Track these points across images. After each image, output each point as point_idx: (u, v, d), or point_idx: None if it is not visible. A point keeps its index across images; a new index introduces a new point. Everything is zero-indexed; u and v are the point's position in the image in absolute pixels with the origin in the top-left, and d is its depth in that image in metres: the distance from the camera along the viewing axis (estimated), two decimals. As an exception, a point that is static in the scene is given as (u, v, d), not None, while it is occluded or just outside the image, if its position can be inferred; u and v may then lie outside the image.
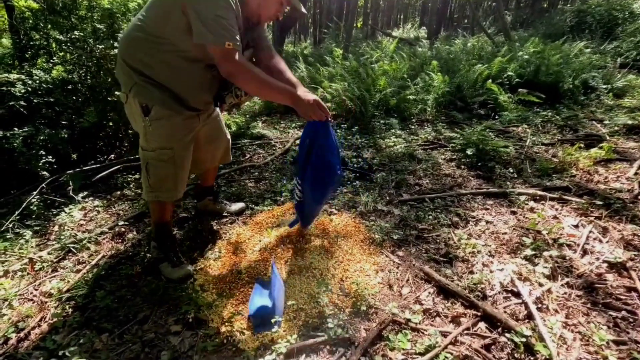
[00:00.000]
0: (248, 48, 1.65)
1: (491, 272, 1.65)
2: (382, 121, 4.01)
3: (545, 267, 1.61)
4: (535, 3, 16.94)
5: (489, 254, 1.78)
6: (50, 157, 2.61)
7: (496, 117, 3.97)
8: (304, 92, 1.50)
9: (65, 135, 2.55)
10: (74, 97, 2.96)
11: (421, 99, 4.32)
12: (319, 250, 1.86)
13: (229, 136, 2.11)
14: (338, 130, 3.94)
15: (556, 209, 2.16)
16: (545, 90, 4.34)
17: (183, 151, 1.66)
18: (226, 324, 1.43)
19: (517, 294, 1.49)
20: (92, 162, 3.09)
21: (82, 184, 2.77)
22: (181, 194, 1.78)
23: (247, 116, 4.82)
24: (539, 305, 1.41)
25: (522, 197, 2.26)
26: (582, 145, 2.88)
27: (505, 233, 1.96)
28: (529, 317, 1.36)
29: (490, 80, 4.19)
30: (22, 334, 1.45)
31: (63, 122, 2.96)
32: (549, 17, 11.46)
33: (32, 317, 1.53)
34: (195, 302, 1.55)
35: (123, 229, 2.20)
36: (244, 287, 1.65)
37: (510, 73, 4.51)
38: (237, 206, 2.35)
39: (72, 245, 1.99)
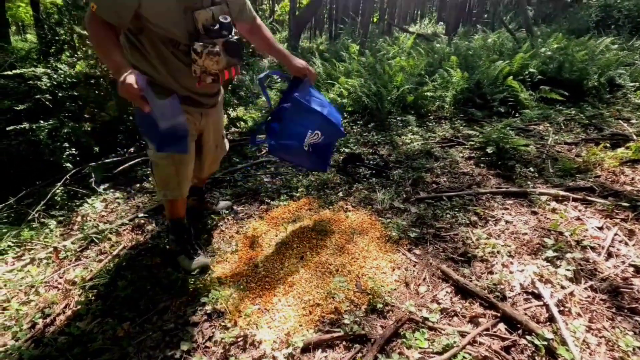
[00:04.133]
0: (215, 4, 1.44)
1: (511, 272, 1.62)
2: (398, 118, 3.97)
3: (568, 270, 1.57)
4: (559, -2, 16.38)
5: (508, 254, 1.74)
6: (74, 149, 2.68)
7: (517, 114, 3.87)
8: (128, 74, 1.25)
9: (89, 129, 2.61)
10: (96, 92, 3.03)
11: (439, 96, 4.25)
12: (335, 247, 1.86)
13: (227, 148, 2.07)
14: (354, 127, 3.93)
15: (579, 210, 2.09)
16: (569, 88, 4.21)
17: None
18: (243, 316, 1.45)
19: (538, 296, 1.46)
20: (113, 155, 3.16)
21: (103, 176, 2.85)
22: (186, 193, 1.76)
23: (263, 111, 4.84)
24: (561, 308, 1.38)
25: (544, 197, 2.20)
26: (608, 145, 2.79)
27: (526, 233, 1.91)
28: (551, 319, 1.33)
29: (511, 77, 4.08)
30: (48, 320, 1.51)
31: (85, 116, 3.04)
32: (572, 12, 11.08)
33: (57, 304, 1.58)
34: (212, 294, 1.57)
35: (142, 221, 2.25)
36: (261, 280, 1.66)
37: (532, 70, 4.39)
38: (223, 204, 2.36)
39: (95, 235, 2.05)
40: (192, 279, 1.70)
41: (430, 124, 3.83)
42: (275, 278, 1.67)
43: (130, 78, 1.23)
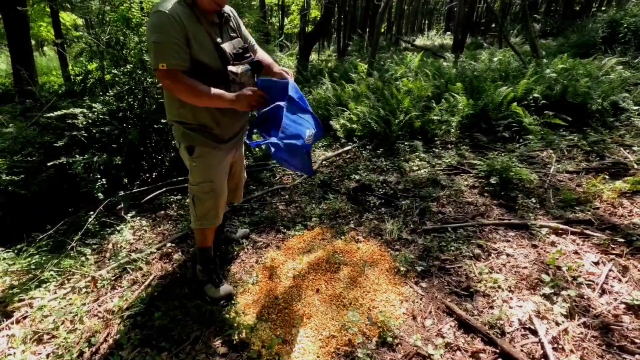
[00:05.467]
0: (231, 39, 1.74)
1: (510, 308, 1.76)
2: (406, 143, 4.14)
3: (563, 306, 1.70)
4: (567, 9, 16.49)
5: (508, 289, 1.89)
6: (104, 180, 2.91)
7: (521, 140, 4.01)
8: (237, 95, 1.60)
9: (119, 162, 2.83)
10: (124, 125, 3.27)
11: (445, 120, 4.41)
12: (348, 279, 2.03)
13: (245, 176, 2.33)
14: (364, 152, 4.10)
15: (577, 244, 2.23)
16: (573, 112, 4.33)
17: (220, 183, 1.90)
18: (266, 347, 1.62)
19: (535, 332, 1.60)
20: (138, 182, 3.39)
21: (130, 204, 3.07)
22: (221, 220, 2.01)
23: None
24: (555, 345, 1.52)
25: (544, 230, 2.34)
26: (607, 177, 2.91)
27: (526, 267, 2.05)
28: (545, 357, 1.47)
29: (515, 103, 4.22)
30: (93, 349, 1.69)
31: (113, 146, 3.28)
32: (580, 25, 11.18)
33: (99, 333, 1.77)
34: (238, 325, 1.75)
35: (170, 250, 2.45)
36: (281, 312, 1.83)
37: (536, 95, 4.52)
38: (241, 233, 2.56)
39: (127, 265, 2.25)
40: (219, 309, 1.88)
41: (437, 150, 3.98)
42: (294, 310, 1.84)
43: (247, 90, 1.60)
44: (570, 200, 2.68)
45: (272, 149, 1.60)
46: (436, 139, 4.25)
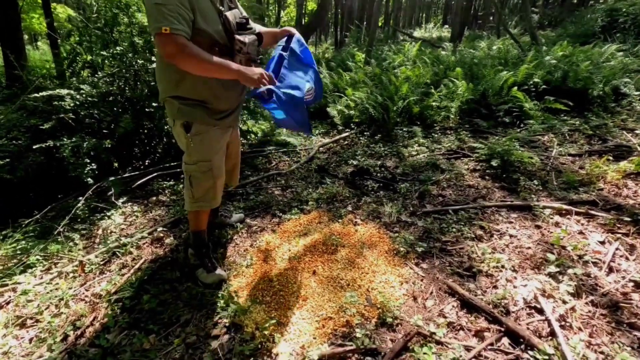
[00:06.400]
0: (232, 8, 1.68)
1: (515, 287, 1.69)
2: (404, 129, 4.06)
3: (570, 285, 1.64)
4: (565, 0, 16.37)
5: (512, 269, 1.82)
6: (94, 164, 2.81)
7: (521, 125, 3.93)
8: (245, 68, 1.53)
9: (109, 145, 2.73)
10: (114, 108, 3.17)
11: (444, 106, 4.33)
12: (345, 261, 1.95)
13: (239, 158, 2.24)
14: (361, 138, 4.02)
15: (582, 224, 2.16)
16: (574, 97, 4.25)
17: (218, 162, 1.82)
18: (260, 329, 1.54)
19: (541, 311, 1.53)
20: (130, 168, 3.29)
21: (121, 190, 2.98)
22: (219, 202, 1.93)
23: (272, 122, 4.95)
24: (562, 323, 1.45)
25: (547, 211, 2.27)
26: (611, 158, 2.84)
27: (529, 248, 1.99)
28: (552, 334, 1.40)
29: (516, 88, 4.14)
30: (78, 332, 1.61)
31: (104, 131, 3.18)
32: (579, 16, 11.07)
33: (86, 317, 1.69)
34: (231, 307, 1.67)
35: (161, 234, 2.36)
36: (276, 294, 1.76)
37: (537, 80, 4.44)
38: (236, 217, 2.48)
39: (117, 249, 2.16)
40: (211, 293, 1.80)
41: (436, 135, 3.90)
42: (290, 292, 1.76)
43: (255, 69, 1.54)
44: (574, 182, 2.61)
45: (272, 106, 1.56)
46: (435, 125, 4.17)
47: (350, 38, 11.17)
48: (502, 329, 1.44)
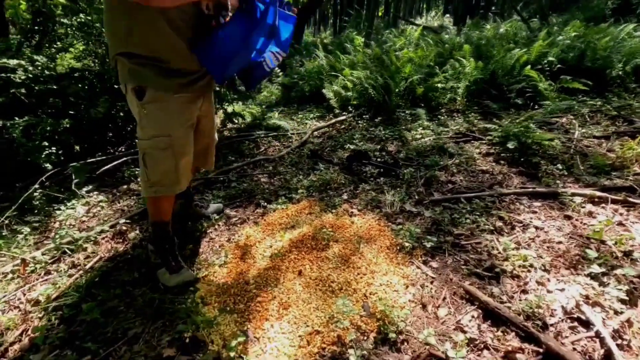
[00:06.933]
0: None
1: (549, 292, 1.35)
2: (407, 111, 3.70)
3: (620, 289, 1.30)
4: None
5: (543, 268, 1.48)
6: (54, 148, 2.46)
7: (535, 106, 3.57)
8: None
9: (67, 125, 2.38)
10: (84, 86, 2.80)
11: (450, 87, 3.96)
12: (339, 259, 1.61)
13: (216, 137, 1.88)
14: (360, 121, 3.66)
15: (620, 214, 1.82)
16: (591, 77, 3.88)
17: (182, 139, 1.47)
18: (228, 347, 1.21)
19: (587, 324, 1.19)
20: (100, 153, 2.94)
21: (88, 178, 2.62)
22: (184, 186, 1.58)
23: (263, 106, 4.59)
24: (619, 342, 1.11)
25: (577, 199, 1.92)
26: (644, 139, 2.49)
27: (561, 242, 1.64)
28: (608, 357, 1.07)
29: (529, 67, 3.77)
30: (1, 349, 1.28)
31: (70, 112, 2.81)
32: (585, 1, 10.62)
33: (12, 330, 1.36)
34: (193, 318, 1.33)
35: (125, 227, 2.02)
36: (251, 300, 1.42)
37: (551, 58, 4.06)
38: (213, 208, 2.12)
39: (67, 246, 1.82)
40: (172, 299, 1.46)
41: (442, 118, 3.55)
42: (269, 298, 1.42)
43: None
44: (604, 166, 2.26)
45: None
46: (440, 107, 3.81)
47: (350, 24, 10.72)
48: (541, 350, 1.10)
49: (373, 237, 1.77)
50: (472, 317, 1.28)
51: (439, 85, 3.94)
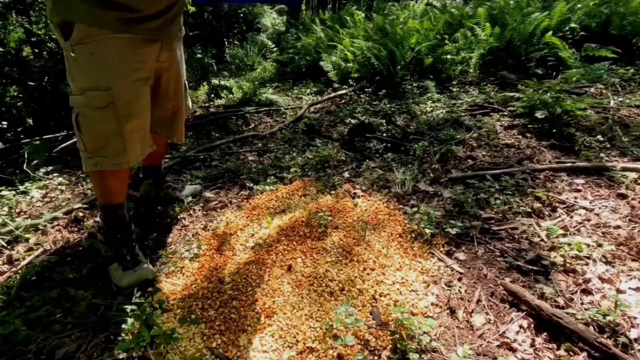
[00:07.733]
0: None
1: (619, 292, 1.02)
2: (414, 84, 3.32)
3: None
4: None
5: (604, 260, 1.14)
6: (5, 123, 2.10)
7: (558, 76, 3.18)
8: None
9: (15, 93, 2.01)
10: (40, 52, 2.42)
11: (461, 58, 3.56)
12: (339, 251, 1.27)
13: (190, 104, 1.52)
14: (362, 95, 3.28)
15: (687, 192, 1.47)
16: (617, 46, 3.48)
17: (127, 94, 1.11)
18: (188, 373, 0.88)
19: (685, 338, 0.86)
20: (66, 130, 2.58)
21: (49, 158, 2.28)
22: (136, 159, 1.22)
23: (256, 82, 4.20)
24: None
25: (631, 175, 1.57)
26: (697, 106, 2.13)
27: (619, 227, 1.30)
28: None
29: (550, 33, 3.37)
30: None
31: (30, 83, 2.43)
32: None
33: None
34: (146, 330, 1.00)
35: (82, 214, 1.68)
36: (225, 305, 1.08)
37: (573, 25, 3.66)
38: (189, 190, 1.78)
39: (3, 237, 1.48)
40: (123, 302, 1.12)
41: (454, 90, 3.17)
42: (247, 302, 1.09)
43: None
44: (652, 137, 1.91)
45: None
46: (452, 79, 3.42)
47: (349, 5, 10.18)
48: (632, 380, 0.77)
49: (381, 222, 1.43)
50: (521, 327, 0.95)
51: (449, 56, 3.55)
